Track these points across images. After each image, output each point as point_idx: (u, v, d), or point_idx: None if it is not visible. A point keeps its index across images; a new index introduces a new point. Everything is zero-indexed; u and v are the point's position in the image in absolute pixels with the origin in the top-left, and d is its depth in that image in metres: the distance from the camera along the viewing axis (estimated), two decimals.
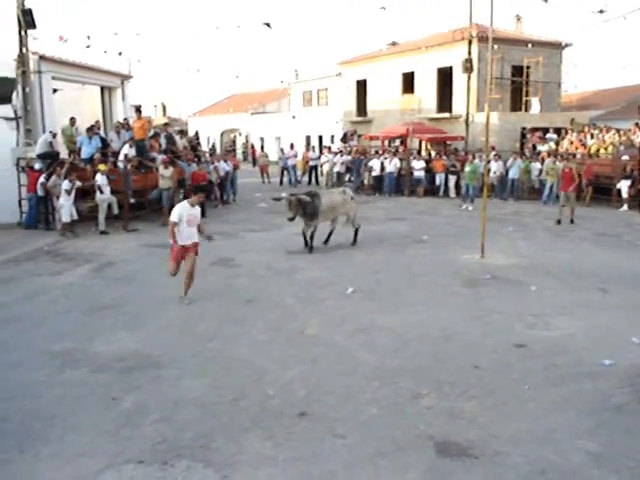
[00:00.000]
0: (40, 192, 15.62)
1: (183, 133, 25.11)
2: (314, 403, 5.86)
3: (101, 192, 15.47)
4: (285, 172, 29.17)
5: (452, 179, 23.42)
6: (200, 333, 7.99)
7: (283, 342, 7.62)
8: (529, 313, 8.67)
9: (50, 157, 16.47)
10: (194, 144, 24.34)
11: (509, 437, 5.23)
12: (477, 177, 20.90)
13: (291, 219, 12.65)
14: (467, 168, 20.99)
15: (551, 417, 5.60)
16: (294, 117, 46.61)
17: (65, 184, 14.96)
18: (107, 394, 6.12)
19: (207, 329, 8.15)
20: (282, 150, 32.08)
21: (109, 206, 15.84)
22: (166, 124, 25.15)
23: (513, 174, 22.56)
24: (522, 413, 5.68)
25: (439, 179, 23.96)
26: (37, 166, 16.05)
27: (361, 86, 38.01)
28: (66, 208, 15.03)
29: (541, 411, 5.72)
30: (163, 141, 20.30)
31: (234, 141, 51.36)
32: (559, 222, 16.57)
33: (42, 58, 18.59)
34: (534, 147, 25.51)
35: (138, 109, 19.96)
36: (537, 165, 22.76)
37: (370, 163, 25.10)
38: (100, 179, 15.47)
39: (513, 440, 5.19)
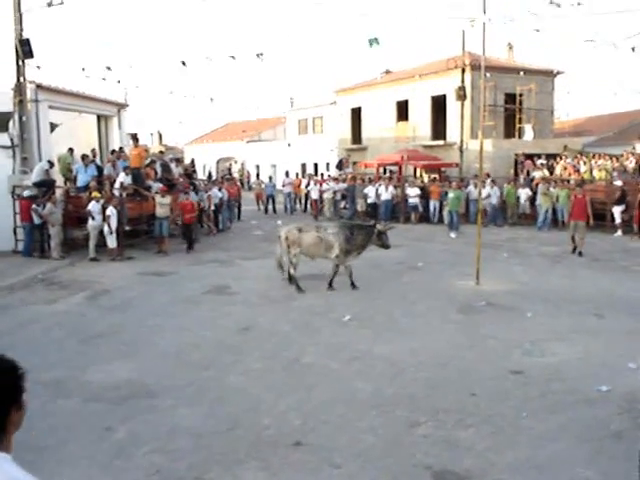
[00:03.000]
0: (36, 220, 15.62)
1: (179, 161, 25.22)
2: (310, 432, 5.80)
3: (93, 219, 15.49)
4: (270, 200, 29.35)
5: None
6: (195, 362, 7.93)
7: (278, 370, 7.57)
8: (525, 339, 8.64)
9: (46, 185, 16.49)
10: (190, 172, 24.43)
11: (507, 465, 5.18)
12: (461, 204, 20.99)
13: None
14: (450, 195, 20.99)
15: (549, 445, 5.55)
16: (290, 145, 46.93)
17: (109, 210, 15.44)
18: (100, 424, 6.05)
19: (202, 358, 8.09)
20: (270, 178, 32.39)
21: (101, 233, 15.82)
22: (162, 152, 25.28)
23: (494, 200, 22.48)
24: (520, 441, 5.63)
25: (433, 206, 23.94)
26: (25, 193, 16.03)
27: (356, 114, 38.36)
28: (112, 234, 15.62)
29: (539, 439, 5.67)
30: (159, 169, 20.37)
31: (230, 169, 51.56)
32: (579, 253, 15.71)
33: (39, 87, 18.69)
34: (528, 173, 25.68)
35: (135, 137, 20.08)
36: (526, 191, 22.79)
37: (365, 190, 25.17)
38: (92, 206, 15.51)
39: (511, 468, 5.14)
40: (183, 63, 20.36)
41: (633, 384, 6.95)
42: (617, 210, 19.97)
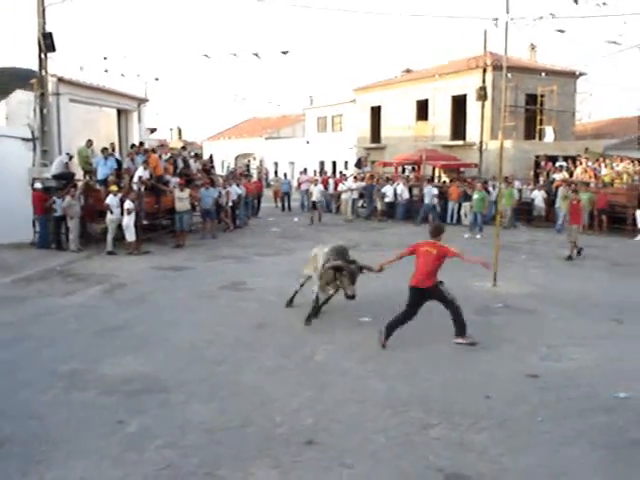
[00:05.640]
0: (59, 212, 15.71)
1: (197, 157, 25.30)
2: (322, 431, 5.76)
3: (111, 213, 15.59)
4: (285, 197, 29.59)
5: (465, 206, 23.21)
6: (209, 357, 7.93)
7: (292, 368, 7.54)
8: (542, 343, 8.53)
9: (65, 178, 16.61)
10: (208, 168, 24.48)
11: (521, 471, 5.11)
12: (486, 205, 20.83)
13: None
14: (475, 196, 20.86)
15: (564, 451, 5.46)
16: (308, 142, 46.90)
17: (127, 203, 15.48)
18: (113, 417, 6.05)
19: (216, 354, 8.08)
20: (285, 175, 32.77)
21: (119, 227, 15.88)
22: (183, 147, 25.39)
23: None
24: (534, 446, 5.55)
25: (451, 206, 23.78)
26: (37, 185, 16.13)
27: (375, 112, 38.26)
28: (131, 227, 15.61)
29: (554, 444, 5.58)
30: (179, 164, 20.50)
31: (248, 165, 51.67)
32: (570, 258, 15.49)
33: (60, 80, 18.86)
34: (548, 175, 25.45)
35: (153, 150, 20.17)
36: (542, 193, 22.64)
37: (383, 189, 25.09)
38: (110, 200, 15.60)
39: (525, 474, 5.06)
40: (206, 56, 20.40)
41: None
42: (639, 214, 19.76)
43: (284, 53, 19.05)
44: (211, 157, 30.16)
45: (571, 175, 24.64)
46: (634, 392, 6.75)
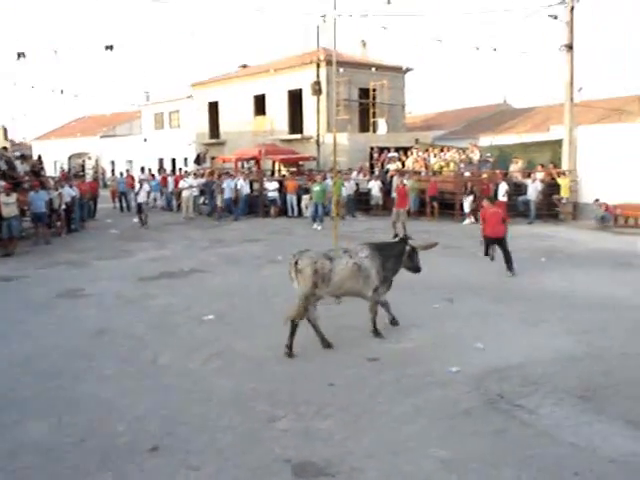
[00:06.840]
0: None
1: (25, 158, 23.73)
2: (167, 436, 5.62)
3: None
4: (123, 197, 28.62)
5: (305, 199, 23.67)
6: (44, 371, 7.47)
7: (134, 374, 7.28)
8: (382, 327, 8.85)
9: None
10: (37, 169, 23.02)
11: (364, 452, 5.29)
12: (326, 196, 21.39)
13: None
14: (316, 188, 21.37)
15: (404, 428, 5.73)
16: (146, 140, 45.57)
17: None
18: None
19: (51, 366, 7.63)
20: (121, 174, 31.92)
21: None
22: (5, 148, 23.66)
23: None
24: (376, 426, 5.78)
25: (290, 199, 24.13)
26: None
27: (213, 108, 37.91)
28: None
29: (394, 422, 5.84)
30: (2, 166, 19.09)
31: (83, 165, 49.25)
32: (397, 236, 16.44)
33: None
34: (382, 165, 26.57)
35: None
36: (378, 183, 23.75)
37: (224, 185, 24.91)
38: None
39: (368, 454, 5.25)
40: (21, 55, 19.05)
41: (480, 363, 7.35)
42: (467, 200, 21.20)
43: (108, 48, 18.11)
44: (39, 158, 28.40)
45: (404, 165, 25.89)
46: (464, 366, 7.23)
